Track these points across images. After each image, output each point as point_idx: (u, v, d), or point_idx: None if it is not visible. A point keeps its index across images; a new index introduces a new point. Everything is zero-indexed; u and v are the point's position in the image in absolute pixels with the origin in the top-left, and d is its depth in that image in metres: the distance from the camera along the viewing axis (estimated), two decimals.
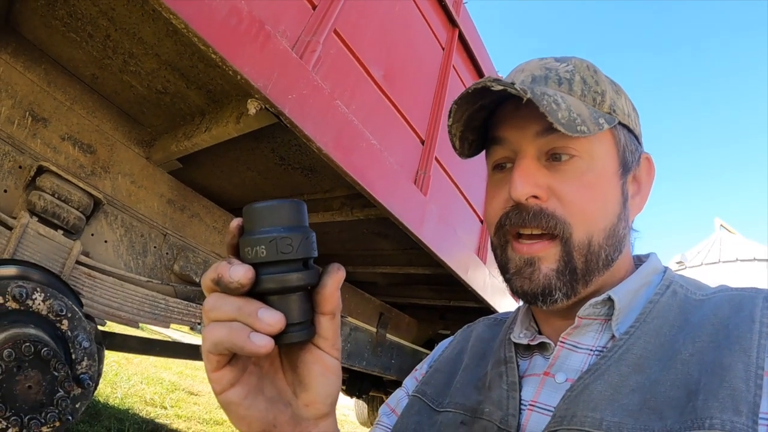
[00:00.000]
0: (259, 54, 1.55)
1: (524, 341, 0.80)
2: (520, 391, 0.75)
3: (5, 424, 1.58)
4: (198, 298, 2.66)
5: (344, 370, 4.98)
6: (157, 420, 5.98)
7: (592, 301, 0.73)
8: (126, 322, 2.29)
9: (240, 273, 0.50)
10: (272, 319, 0.50)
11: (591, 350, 0.73)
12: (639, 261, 0.84)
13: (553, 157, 0.73)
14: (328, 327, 0.58)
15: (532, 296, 0.73)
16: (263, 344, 0.50)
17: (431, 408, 0.85)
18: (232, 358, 0.56)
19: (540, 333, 0.83)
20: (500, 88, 0.68)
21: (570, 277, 0.72)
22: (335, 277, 0.57)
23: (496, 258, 0.81)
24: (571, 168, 0.73)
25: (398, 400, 0.97)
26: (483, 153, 0.87)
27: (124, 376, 7.80)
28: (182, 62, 1.77)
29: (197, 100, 1.97)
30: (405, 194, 2.40)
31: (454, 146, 0.84)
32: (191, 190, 2.65)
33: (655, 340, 0.68)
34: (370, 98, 2.32)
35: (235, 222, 0.55)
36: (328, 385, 0.61)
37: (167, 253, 2.53)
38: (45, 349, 1.62)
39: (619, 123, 0.77)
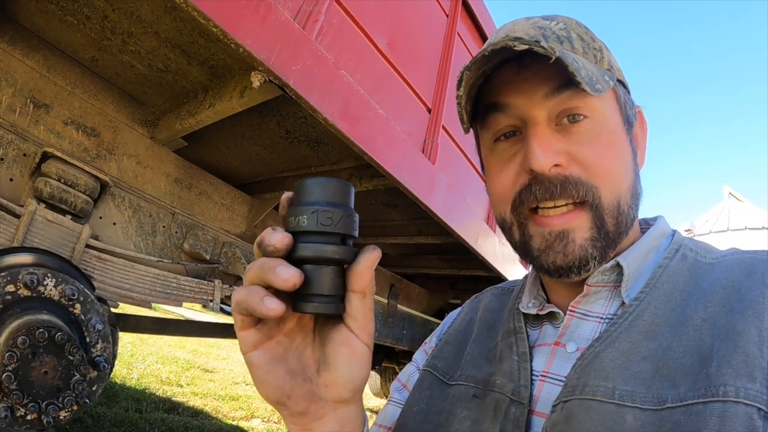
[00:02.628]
0: (260, 25, 1.52)
1: (533, 311, 0.79)
2: (531, 361, 0.74)
3: (23, 411, 1.59)
4: (208, 275, 2.66)
5: None
6: (173, 398, 6.07)
7: (601, 268, 0.71)
8: (138, 302, 2.30)
9: (277, 238, 0.52)
10: (287, 273, 0.51)
11: (601, 318, 0.72)
12: (646, 225, 0.82)
13: (568, 119, 0.70)
14: (359, 307, 0.58)
15: (566, 270, 0.70)
16: (273, 307, 0.51)
17: (443, 382, 0.84)
18: (259, 322, 0.57)
19: (548, 302, 0.81)
20: (525, 47, 0.62)
21: (604, 243, 0.70)
22: (369, 256, 0.57)
23: (510, 236, 0.77)
24: (586, 129, 0.70)
25: (409, 375, 0.96)
26: None
27: (139, 356, 7.91)
28: (182, 39, 1.74)
29: (199, 77, 1.95)
30: (413, 163, 2.39)
31: (462, 120, 0.76)
32: (198, 167, 2.64)
33: (665, 306, 0.67)
34: (375, 67, 2.29)
35: (286, 195, 0.58)
36: (352, 369, 0.60)
37: (176, 232, 2.53)
38: (59, 333, 1.62)
39: (617, 79, 0.75)
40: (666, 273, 0.70)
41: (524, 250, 0.75)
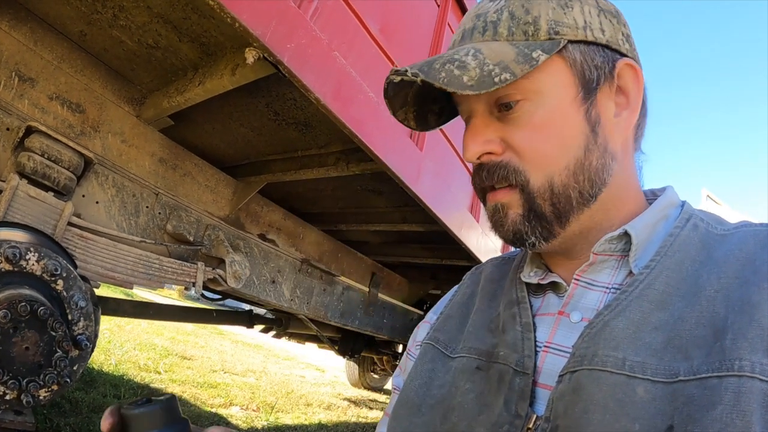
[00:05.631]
0: (256, 1, 1.51)
1: (534, 280, 0.78)
2: (535, 331, 0.73)
3: (3, 389, 1.55)
4: (191, 257, 2.64)
5: (337, 329, 5.02)
6: (151, 385, 6.02)
7: (608, 236, 0.71)
8: (120, 283, 2.27)
9: None
10: None
11: (607, 288, 0.71)
12: (653, 195, 0.82)
13: (502, 107, 0.71)
14: None
15: (508, 241, 0.76)
16: None
17: (444, 354, 0.83)
18: None
19: (551, 271, 0.80)
20: (399, 78, 0.71)
21: (538, 222, 0.71)
22: None
23: None
24: (520, 113, 0.70)
25: (408, 362, 0.96)
26: None
27: (117, 342, 7.82)
28: (175, 14, 1.72)
29: (190, 54, 1.93)
30: (402, 148, 2.39)
31: (410, 128, 0.86)
32: (183, 148, 2.61)
33: (677, 275, 0.65)
34: (366, 51, 2.29)
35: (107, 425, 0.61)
36: None
37: (160, 213, 2.51)
38: (42, 308, 1.57)
39: (570, 42, 0.70)
40: (677, 242, 0.69)
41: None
